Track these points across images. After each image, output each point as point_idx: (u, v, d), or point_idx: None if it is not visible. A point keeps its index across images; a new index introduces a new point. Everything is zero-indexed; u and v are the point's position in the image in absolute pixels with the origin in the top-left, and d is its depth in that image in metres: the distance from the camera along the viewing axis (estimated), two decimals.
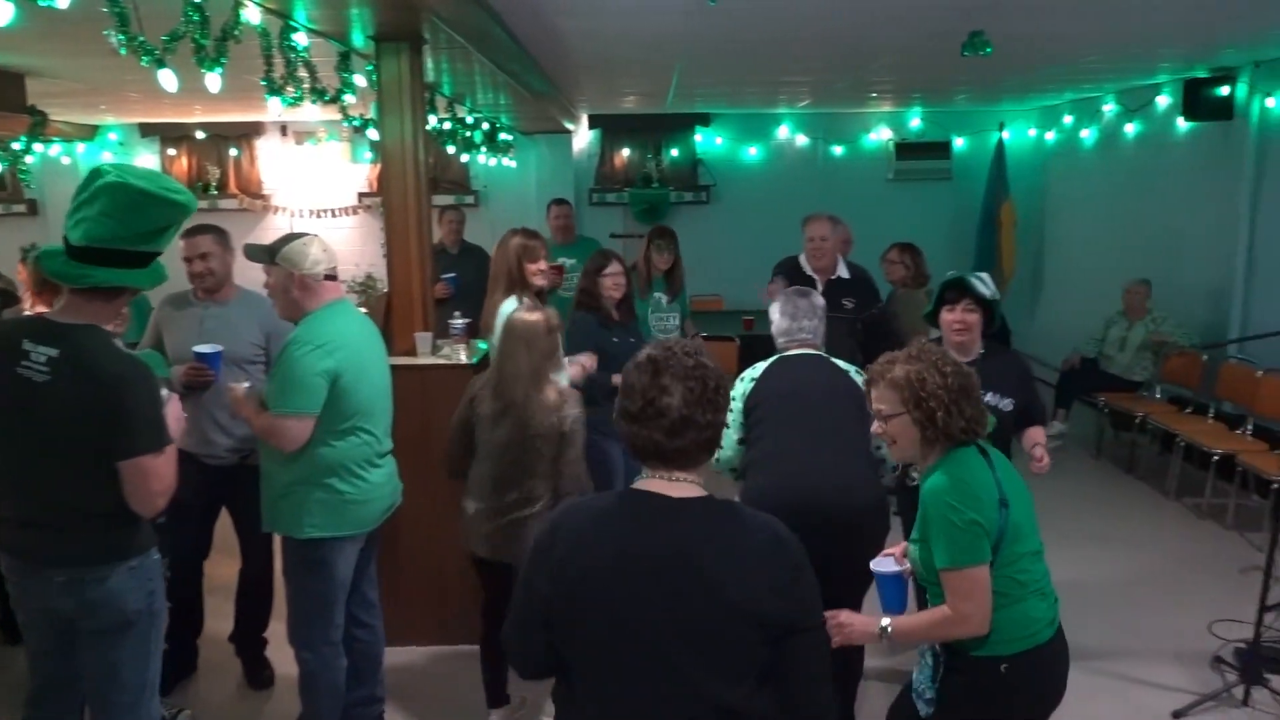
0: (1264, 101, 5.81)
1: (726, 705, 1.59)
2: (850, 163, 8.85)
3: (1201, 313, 6.32)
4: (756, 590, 1.59)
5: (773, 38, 4.73)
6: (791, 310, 3.21)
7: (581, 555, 1.64)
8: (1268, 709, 3.49)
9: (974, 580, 2.09)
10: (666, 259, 5.08)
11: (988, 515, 2.11)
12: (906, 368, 2.20)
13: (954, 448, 2.19)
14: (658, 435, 1.63)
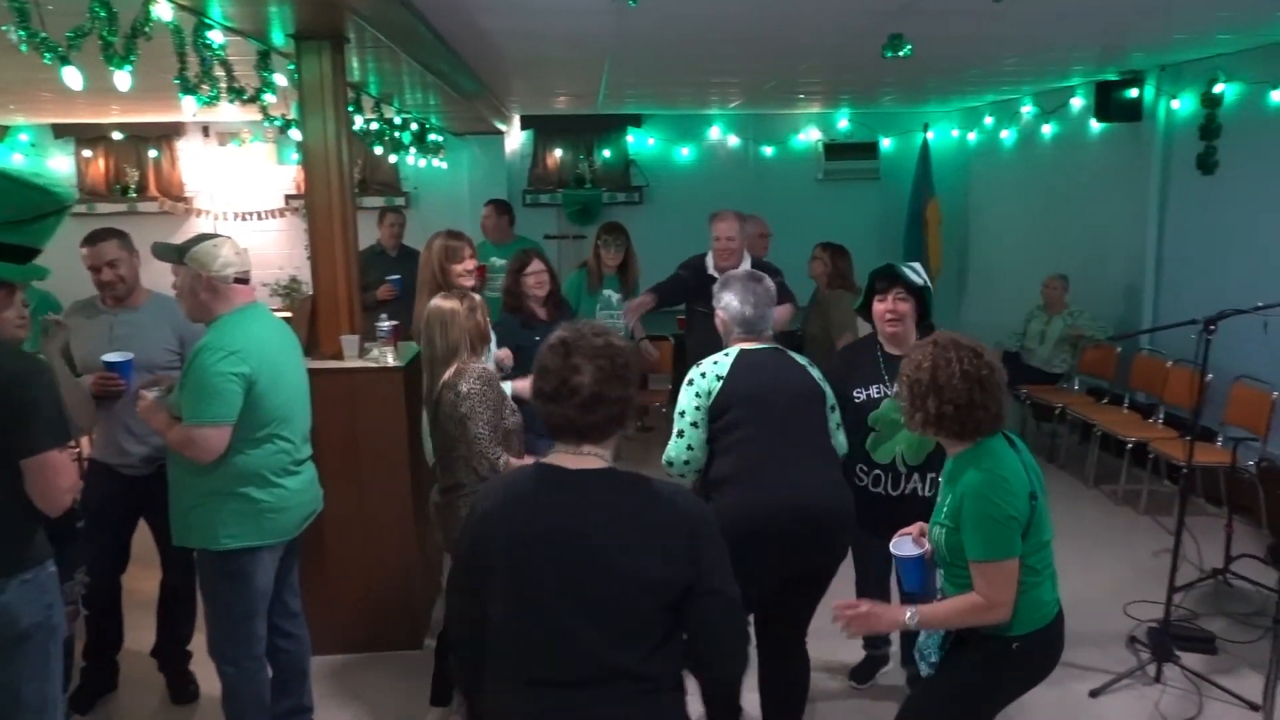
0: (1169, 104, 6.06)
1: (624, 668, 1.69)
2: (781, 163, 8.97)
3: (1116, 306, 6.56)
4: (647, 557, 1.70)
5: (697, 38, 4.77)
6: (753, 299, 2.95)
7: (494, 527, 1.77)
8: (1178, 685, 3.64)
9: (1008, 572, 2.21)
10: (616, 255, 5.09)
11: (1021, 509, 2.22)
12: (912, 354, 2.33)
13: (960, 437, 2.28)
14: (571, 412, 1.74)
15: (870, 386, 3.20)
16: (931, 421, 2.27)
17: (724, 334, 3.03)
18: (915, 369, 2.28)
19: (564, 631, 1.70)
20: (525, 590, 1.73)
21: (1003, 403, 2.28)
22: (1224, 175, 5.66)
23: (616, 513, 1.74)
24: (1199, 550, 4.46)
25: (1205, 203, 5.81)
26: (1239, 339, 5.04)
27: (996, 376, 2.26)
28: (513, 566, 1.74)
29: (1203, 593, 4.39)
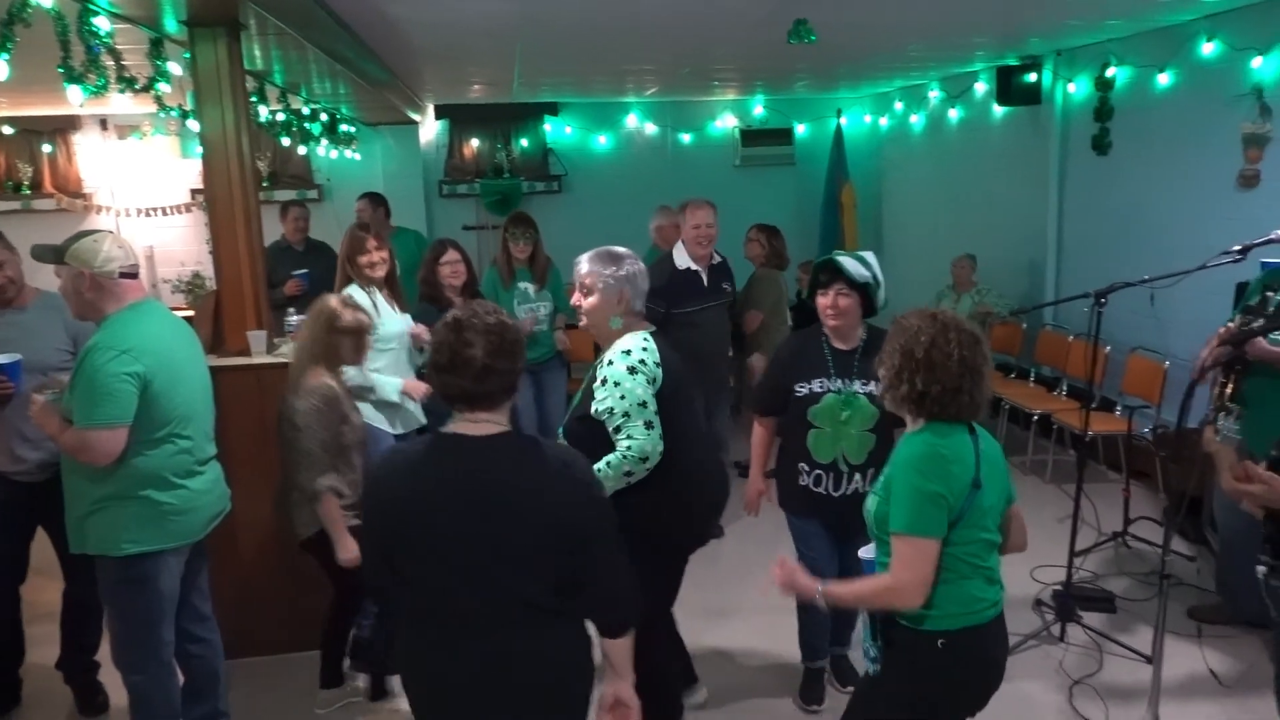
0: (1066, 88, 6.29)
1: (531, 601, 1.92)
2: (698, 150, 9.02)
3: (1021, 283, 6.80)
4: (552, 507, 1.90)
5: (604, 26, 4.77)
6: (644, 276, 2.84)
7: (400, 491, 1.94)
8: (1079, 643, 3.81)
9: (923, 551, 2.07)
10: (524, 248, 5.00)
11: (955, 491, 2.08)
12: (908, 321, 2.20)
13: (933, 419, 2.14)
14: (465, 383, 1.91)
15: (814, 380, 3.09)
16: (912, 398, 2.14)
17: (613, 306, 2.76)
18: (911, 340, 2.14)
19: (472, 579, 1.89)
20: (435, 546, 1.91)
21: (985, 395, 2.16)
22: (1117, 155, 5.90)
23: (517, 469, 1.92)
24: (1097, 515, 4.67)
25: (1100, 182, 6.05)
26: (1131, 313, 5.30)
27: (988, 368, 2.17)
28: (422, 526, 1.91)
29: (1103, 555, 4.61)
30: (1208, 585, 4.13)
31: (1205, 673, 3.52)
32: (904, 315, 2.25)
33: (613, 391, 2.67)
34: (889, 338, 2.24)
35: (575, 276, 2.81)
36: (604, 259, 2.77)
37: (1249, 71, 4.78)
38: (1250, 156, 4.85)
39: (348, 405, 3.13)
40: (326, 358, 3.10)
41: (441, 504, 1.90)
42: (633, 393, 2.65)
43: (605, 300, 2.75)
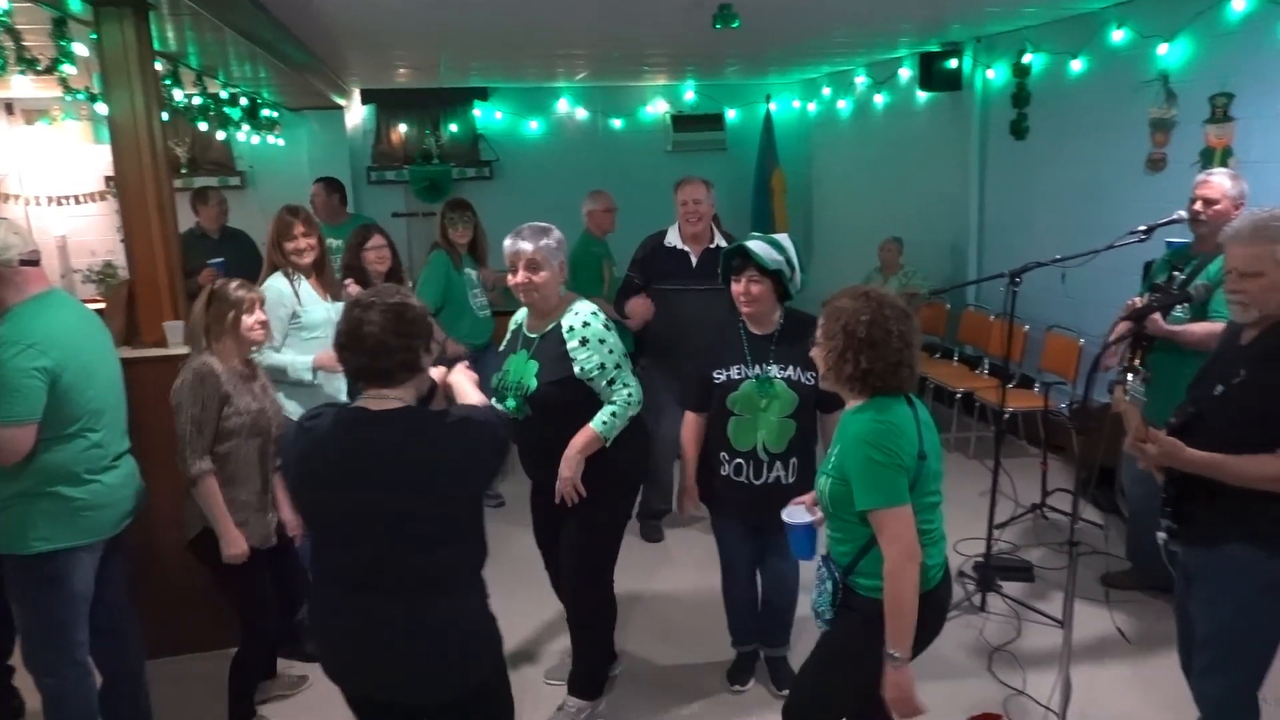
0: (985, 74, 6.44)
1: (430, 569, 2.02)
2: (630, 136, 9.01)
3: (945, 265, 6.96)
4: (450, 475, 2.00)
5: (530, 7, 4.73)
6: None
7: (306, 462, 2.06)
8: (999, 612, 3.94)
9: (903, 519, 2.16)
10: (465, 233, 4.96)
11: (909, 461, 2.17)
12: (843, 303, 2.26)
13: (874, 394, 2.22)
14: (363, 358, 2.01)
15: (731, 367, 3.08)
16: (856, 377, 2.21)
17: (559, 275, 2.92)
18: (851, 320, 2.20)
19: (374, 548, 2.00)
20: (338, 516, 2.03)
21: (919, 366, 2.27)
22: (1034, 140, 6.07)
23: (418, 441, 2.01)
24: (1014, 488, 4.83)
25: (1018, 165, 6.22)
26: (1046, 292, 5.47)
27: (919, 339, 2.28)
28: (326, 497, 2.03)
29: (1023, 526, 4.77)
30: (1120, 552, 4.30)
31: (1115, 635, 3.68)
32: (834, 297, 2.29)
33: (599, 349, 2.89)
34: (825, 320, 2.28)
35: (516, 257, 2.86)
36: (538, 233, 2.89)
37: (1155, 58, 4.95)
38: (1157, 140, 5.03)
39: (234, 387, 2.94)
40: (209, 335, 2.94)
41: (343, 475, 2.00)
42: (618, 346, 2.94)
43: (554, 272, 2.91)
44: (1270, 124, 4.38)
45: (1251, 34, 4.41)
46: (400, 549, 2.00)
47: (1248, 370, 2.36)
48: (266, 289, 3.63)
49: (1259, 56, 4.38)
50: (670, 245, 4.48)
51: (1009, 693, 3.37)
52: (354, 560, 2.03)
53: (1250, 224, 2.38)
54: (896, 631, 2.17)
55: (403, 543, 2.00)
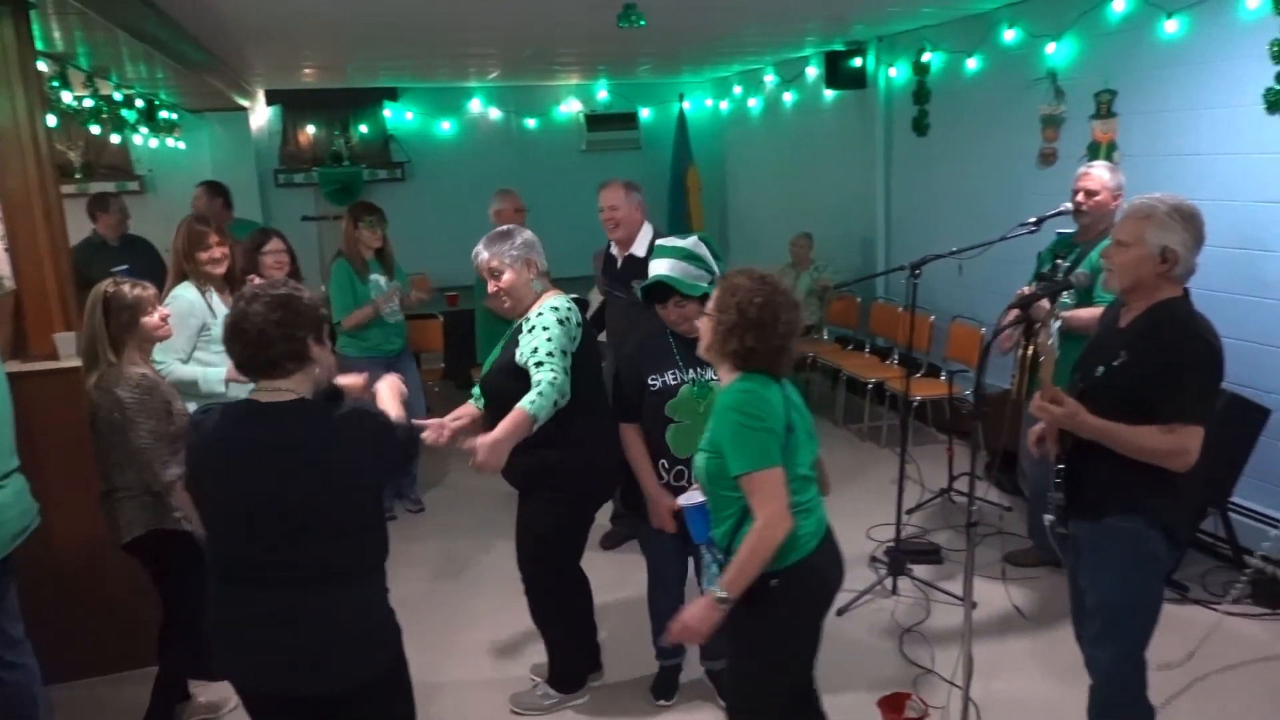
0: (888, 72, 6.62)
1: (326, 560, 2.03)
2: (544, 135, 8.99)
3: (854, 259, 7.13)
4: (343, 467, 2.02)
5: (433, 5, 4.68)
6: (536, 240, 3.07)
7: (201, 456, 2.08)
8: (910, 594, 4.07)
9: (773, 480, 2.21)
10: (376, 236, 4.89)
11: (777, 427, 2.23)
12: (738, 280, 2.30)
13: (748, 371, 2.27)
14: (247, 349, 2.02)
15: (666, 373, 3.01)
16: (740, 353, 2.26)
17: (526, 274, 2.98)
18: (745, 300, 2.24)
19: (267, 538, 2.01)
20: (232, 510, 2.03)
21: (776, 349, 2.30)
22: (934, 135, 6.27)
23: (308, 433, 2.03)
24: (920, 473, 4.99)
25: (921, 161, 6.42)
26: (947, 283, 5.65)
27: (800, 328, 2.35)
28: (219, 488, 2.05)
29: (931, 510, 4.93)
30: (1024, 532, 4.48)
31: (1021, 614, 3.83)
32: (732, 274, 2.34)
33: (539, 335, 2.88)
34: (720, 294, 2.32)
35: (480, 268, 2.99)
36: (496, 239, 2.98)
37: (1044, 57, 5.16)
38: (1048, 136, 5.25)
39: (168, 391, 2.92)
40: (114, 345, 2.86)
41: (233, 468, 2.02)
42: (559, 339, 2.88)
43: (517, 273, 2.96)
44: (1150, 119, 4.61)
45: (1131, 34, 4.64)
46: (292, 541, 2.01)
47: (1127, 353, 2.48)
48: (175, 299, 3.54)
49: (1139, 55, 4.61)
50: (609, 248, 4.50)
51: (918, 671, 3.49)
52: (246, 553, 2.04)
53: (1140, 201, 2.51)
54: (736, 574, 2.22)
55: (295, 535, 2.01)
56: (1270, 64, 3.94)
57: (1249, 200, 4.12)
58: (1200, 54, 4.28)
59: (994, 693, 3.31)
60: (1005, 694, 3.33)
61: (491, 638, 3.88)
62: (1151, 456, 2.40)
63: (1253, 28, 4.00)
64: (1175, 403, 2.36)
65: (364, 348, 4.84)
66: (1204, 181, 4.27)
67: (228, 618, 2.11)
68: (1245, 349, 4.10)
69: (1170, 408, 2.36)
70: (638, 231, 4.29)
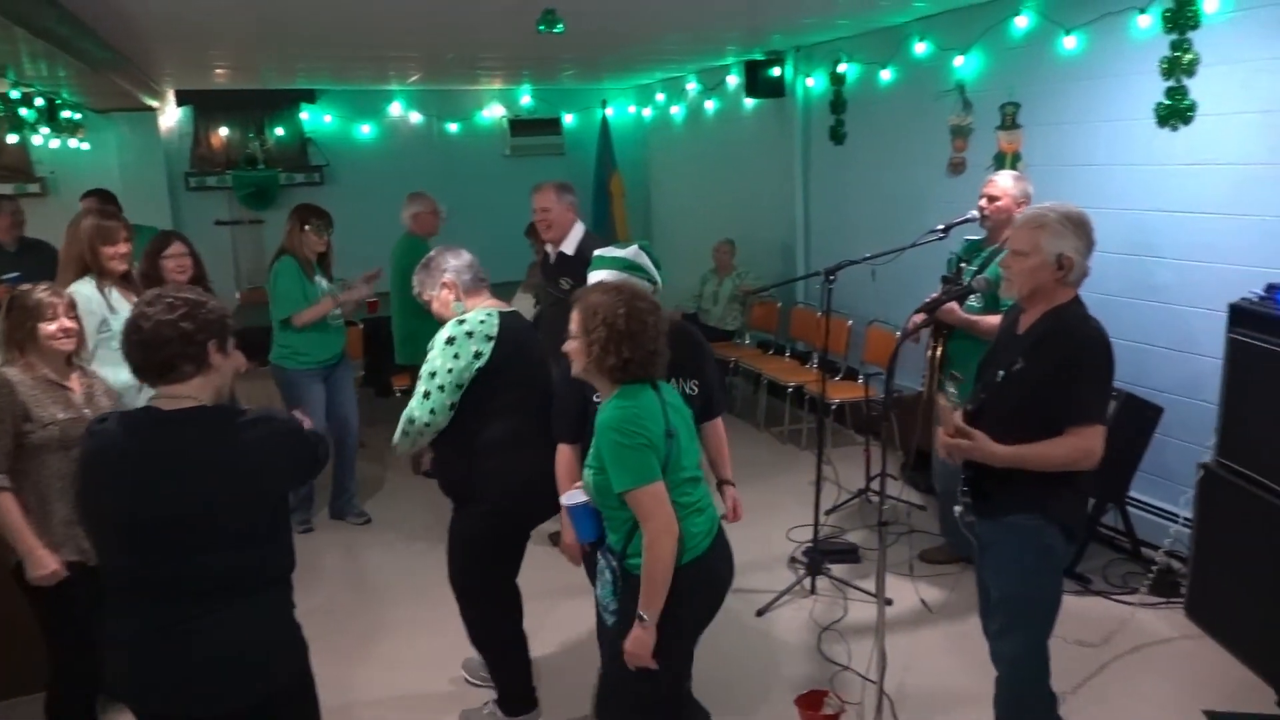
0: (805, 82, 6.76)
1: (224, 573, 1.98)
2: (467, 140, 8.93)
3: (776, 265, 7.25)
4: (245, 474, 1.98)
5: (348, 6, 4.61)
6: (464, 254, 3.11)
7: (94, 464, 2.01)
8: (828, 593, 4.15)
9: (655, 495, 2.27)
10: (324, 241, 4.80)
11: (656, 440, 2.28)
12: (596, 297, 2.35)
13: (626, 383, 2.33)
14: (141, 352, 1.97)
15: None
16: (618, 366, 2.31)
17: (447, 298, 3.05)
18: (610, 313, 2.30)
19: (167, 550, 1.94)
20: (125, 519, 1.95)
21: (651, 354, 2.35)
22: (851, 144, 6.42)
23: (211, 441, 1.98)
24: (837, 474, 5.10)
25: (838, 169, 6.57)
26: (863, 288, 5.77)
27: (665, 327, 2.39)
28: (115, 499, 1.96)
29: (850, 510, 5.04)
30: (937, 529, 4.61)
31: (929, 609, 3.94)
32: (585, 293, 2.39)
33: (430, 358, 2.94)
34: (582, 316, 2.35)
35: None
36: (419, 272, 3.11)
37: (953, 69, 5.34)
38: (957, 145, 5.43)
39: (38, 397, 2.72)
40: (15, 344, 2.74)
41: (128, 478, 1.96)
42: (432, 362, 2.90)
43: (438, 299, 3.07)
44: (1052, 130, 4.80)
45: (1034, 49, 4.83)
46: (188, 553, 1.94)
47: (1024, 360, 2.58)
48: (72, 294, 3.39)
49: (1041, 69, 4.80)
50: (547, 249, 4.66)
51: (835, 669, 3.56)
52: (139, 565, 1.96)
53: (1033, 211, 2.63)
54: (649, 596, 2.29)
55: (191, 546, 1.94)
56: (1160, 79, 4.15)
57: (1142, 209, 4.33)
58: (1097, 69, 4.49)
59: (908, 686, 3.41)
60: (918, 687, 3.42)
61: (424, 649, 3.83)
62: (1062, 467, 2.49)
63: (1144, 45, 4.21)
64: (1075, 404, 2.46)
65: (303, 360, 4.72)
66: (1101, 190, 4.48)
67: (120, 634, 2.02)
68: (1139, 350, 4.30)
69: (1071, 410, 2.46)
70: (569, 231, 4.46)
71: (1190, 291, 4.12)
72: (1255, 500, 3.39)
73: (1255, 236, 3.84)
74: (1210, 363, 3.77)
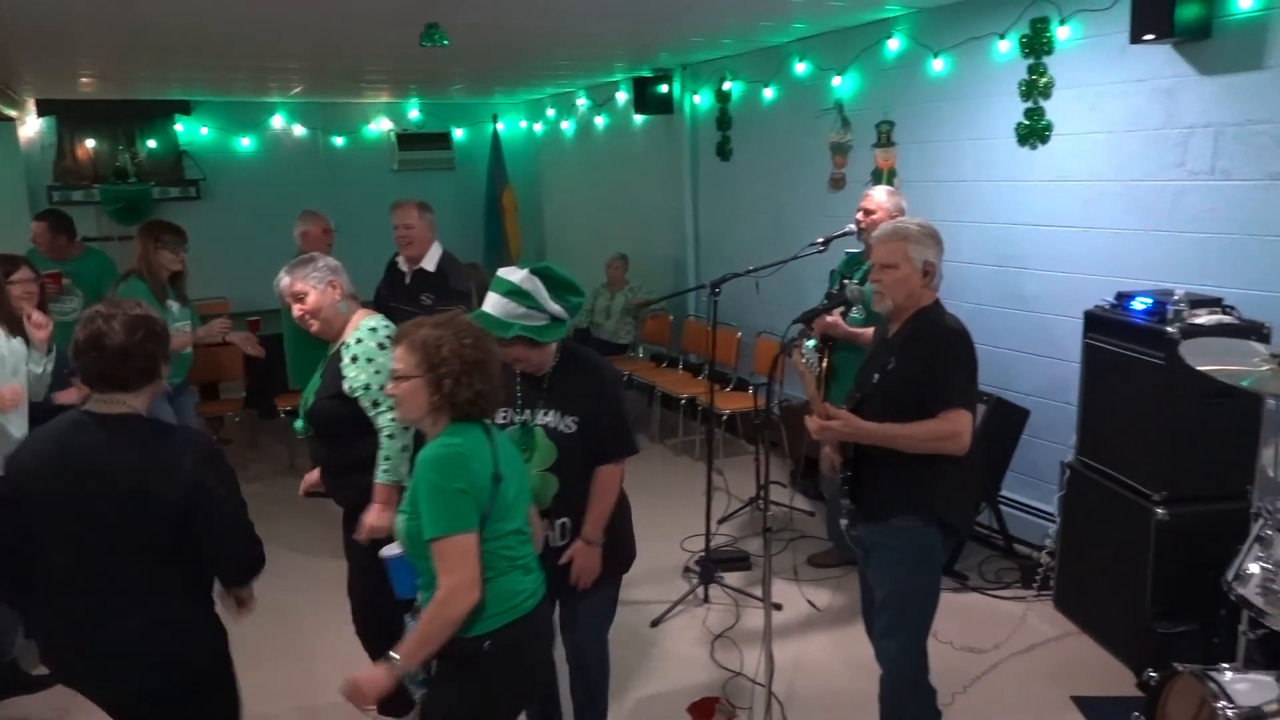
0: (692, 98, 6.89)
1: (144, 574, 2.11)
2: (353, 154, 8.75)
3: (668, 279, 7.34)
4: (160, 485, 2.07)
5: (222, 14, 4.46)
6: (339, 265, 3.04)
7: (24, 467, 2.14)
8: (721, 601, 4.21)
9: (462, 548, 2.06)
10: (178, 259, 4.59)
11: (478, 485, 2.09)
12: (431, 331, 2.16)
13: (458, 420, 2.16)
14: (105, 364, 2.10)
15: (499, 411, 2.67)
16: (445, 404, 2.13)
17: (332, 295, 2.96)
18: (458, 345, 2.13)
19: (89, 547, 2.08)
20: (60, 514, 2.08)
21: (496, 389, 2.21)
22: (737, 160, 6.58)
23: (135, 448, 2.10)
24: (728, 483, 5.18)
25: (725, 184, 6.71)
26: (751, 300, 5.92)
27: (497, 356, 2.24)
28: (48, 496, 2.08)
29: (742, 519, 5.13)
30: (825, 535, 4.73)
31: (816, 609, 4.05)
32: (414, 330, 2.18)
33: (366, 368, 2.86)
34: (422, 354, 2.13)
35: (283, 295, 2.98)
36: (298, 265, 2.99)
37: (831, 88, 5.53)
38: (837, 162, 5.63)
39: None
40: None
41: (64, 477, 2.08)
42: (385, 367, 2.73)
43: (322, 294, 2.94)
44: (924, 148, 5.03)
45: (905, 70, 5.05)
46: (113, 551, 2.09)
47: (896, 359, 2.71)
48: None
49: (912, 89, 5.02)
50: (396, 263, 4.70)
51: (728, 675, 3.61)
52: (71, 560, 2.10)
53: (892, 225, 2.77)
54: (414, 647, 2.08)
55: (116, 545, 2.08)
56: (1020, 101, 4.40)
57: (1008, 223, 4.57)
58: (963, 90, 4.72)
59: (797, 687, 3.48)
60: (807, 688, 3.50)
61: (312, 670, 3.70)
62: (929, 445, 2.60)
63: (1005, 68, 4.46)
64: (943, 392, 2.59)
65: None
66: (970, 205, 4.71)
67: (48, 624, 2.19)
68: (1009, 357, 4.54)
69: (940, 398, 2.59)
70: (429, 249, 4.56)
71: (1053, 300, 4.37)
72: (1112, 496, 3.61)
73: (1106, 248, 4.11)
74: (1073, 367, 4.00)
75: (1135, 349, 3.48)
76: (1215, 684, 2.51)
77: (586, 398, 2.66)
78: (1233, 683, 2.51)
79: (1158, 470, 3.41)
